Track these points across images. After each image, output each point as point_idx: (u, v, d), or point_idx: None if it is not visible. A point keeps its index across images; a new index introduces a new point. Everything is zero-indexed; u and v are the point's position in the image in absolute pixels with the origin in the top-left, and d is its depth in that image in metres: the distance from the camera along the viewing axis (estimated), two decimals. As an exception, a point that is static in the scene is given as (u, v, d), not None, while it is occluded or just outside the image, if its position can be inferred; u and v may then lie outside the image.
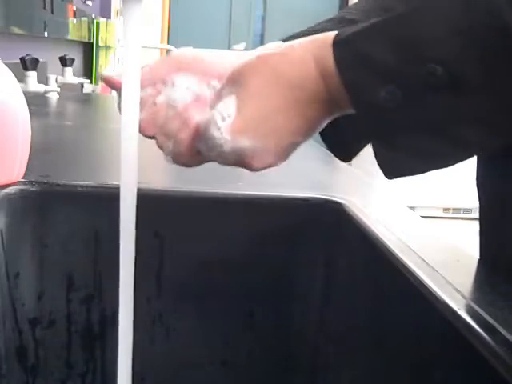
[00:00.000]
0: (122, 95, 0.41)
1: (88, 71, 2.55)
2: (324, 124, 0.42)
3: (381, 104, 0.36)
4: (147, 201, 0.45)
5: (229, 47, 4.06)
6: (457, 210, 3.81)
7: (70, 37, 2.15)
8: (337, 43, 0.38)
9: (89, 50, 2.53)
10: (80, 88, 2.10)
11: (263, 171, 0.44)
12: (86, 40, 2.44)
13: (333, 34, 0.38)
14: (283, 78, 0.40)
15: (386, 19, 0.36)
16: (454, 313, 0.39)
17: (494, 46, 0.32)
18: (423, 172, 0.38)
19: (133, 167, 0.42)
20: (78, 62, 2.37)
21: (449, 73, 0.33)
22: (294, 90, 0.39)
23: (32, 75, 1.47)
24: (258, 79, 0.40)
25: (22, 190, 0.62)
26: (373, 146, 0.39)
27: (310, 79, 0.39)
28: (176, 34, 4.09)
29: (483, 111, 0.34)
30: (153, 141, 0.46)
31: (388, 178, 0.39)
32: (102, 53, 2.59)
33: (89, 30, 2.46)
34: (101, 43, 2.56)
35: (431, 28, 0.34)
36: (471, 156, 0.38)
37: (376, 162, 0.38)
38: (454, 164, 0.38)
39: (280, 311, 0.69)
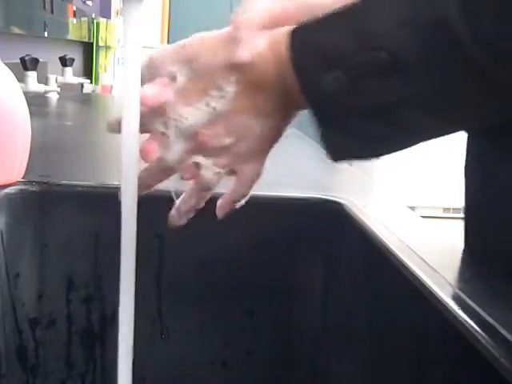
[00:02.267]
0: (122, 95, 0.41)
1: (88, 71, 2.55)
2: (282, 128, 0.44)
3: (326, 88, 0.37)
4: (147, 201, 0.45)
5: (229, 47, 4.05)
6: (457, 210, 3.80)
7: (70, 37, 2.15)
8: (293, 31, 0.40)
9: (89, 50, 2.53)
10: (80, 88, 2.10)
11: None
12: (86, 40, 2.44)
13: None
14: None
15: (340, 10, 0.38)
16: (453, 312, 0.39)
17: (435, 35, 0.34)
18: (371, 156, 0.40)
19: (133, 167, 0.42)
20: (78, 62, 2.37)
21: (392, 58, 0.35)
22: (248, 72, 0.41)
23: (32, 75, 1.47)
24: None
25: (22, 189, 0.62)
26: (320, 130, 0.40)
27: (264, 62, 0.41)
28: (176, 33, 4.09)
29: (424, 96, 0.36)
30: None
31: (335, 161, 0.41)
32: (101, 53, 2.59)
33: (89, 30, 2.46)
34: (101, 43, 2.56)
35: (379, 18, 0.36)
36: (417, 142, 0.39)
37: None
38: (400, 149, 0.40)
39: (280, 311, 0.69)
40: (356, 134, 0.39)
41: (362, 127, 0.38)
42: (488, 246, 0.49)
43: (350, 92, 0.37)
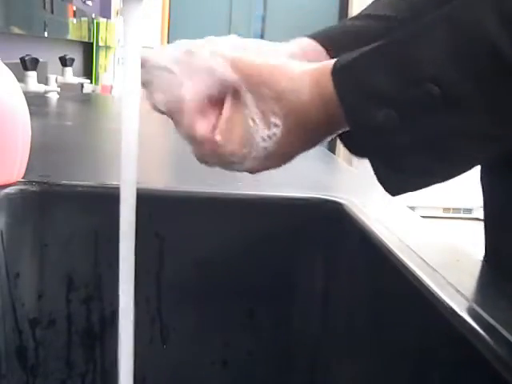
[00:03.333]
0: (123, 94, 0.41)
1: (88, 71, 2.55)
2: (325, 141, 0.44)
3: (379, 126, 0.37)
4: (147, 201, 0.45)
5: (229, 47, 4.05)
6: (457, 210, 3.80)
7: (70, 37, 2.15)
8: (336, 70, 0.39)
9: (89, 50, 2.53)
10: (80, 88, 2.10)
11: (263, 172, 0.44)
12: (86, 40, 2.44)
13: (331, 61, 0.40)
14: (285, 99, 0.41)
15: (382, 44, 0.37)
16: (454, 313, 0.39)
17: (485, 65, 0.34)
18: (426, 187, 0.40)
19: (133, 167, 0.42)
20: (78, 62, 2.37)
21: (444, 92, 0.34)
22: (298, 116, 0.41)
23: (32, 75, 1.47)
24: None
25: (22, 189, 0.62)
26: (373, 166, 0.40)
27: (312, 109, 0.40)
28: (176, 33, 4.09)
29: (479, 127, 0.35)
30: (152, 141, 0.46)
31: (392, 195, 0.40)
32: (101, 53, 2.59)
33: (89, 30, 2.46)
34: (101, 43, 2.56)
35: (426, 51, 0.35)
36: (472, 167, 0.39)
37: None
38: (454, 177, 0.39)
39: (280, 311, 0.69)
40: (410, 169, 0.38)
41: (415, 163, 0.38)
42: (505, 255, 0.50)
43: (401, 129, 0.36)
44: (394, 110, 0.36)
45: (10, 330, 0.63)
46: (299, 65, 0.42)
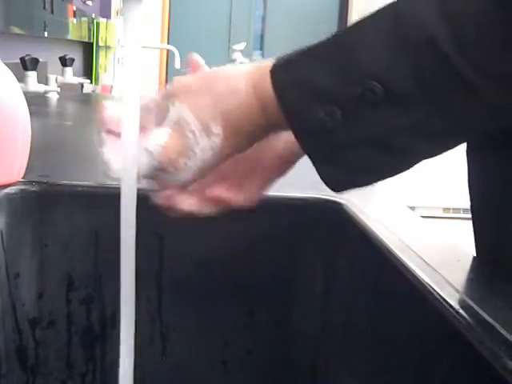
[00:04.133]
0: (123, 94, 0.41)
1: (88, 71, 2.55)
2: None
3: (320, 125, 0.36)
4: (147, 201, 0.45)
5: (229, 47, 4.05)
6: (457, 210, 3.80)
7: (70, 37, 2.15)
8: (274, 69, 0.38)
9: (89, 50, 2.53)
10: (80, 88, 2.10)
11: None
12: (86, 40, 2.44)
13: (270, 61, 0.39)
14: (222, 102, 0.40)
15: (324, 41, 0.37)
16: (453, 313, 0.39)
17: (425, 58, 0.33)
18: (371, 183, 0.39)
19: (133, 167, 0.42)
20: (78, 62, 2.37)
21: (386, 88, 0.34)
22: (236, 118, 0.40)
23: (32, 75, 1.47)
24: (197, 97, 0.40)
25: (22, 189, 0.62)
26: (316, 166, 0.39)
27: (249, 111, 0.40)
28: (176, 34, 4.09)
29: (422, 122, 0.35)
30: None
31: (336, 192, 0.40)
32: (102, 53, 2.59)
33: (89, 30, 2.46)
34: (101, 43, 2.56)
35: (366, 46, 0.35)
36: (418, 162, 0.39)
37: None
38: (402, 172, 0.39)
39: (280, 311, 0.69)
40: (354, 166, 0.38)
41: (359, 159, 0.37)
42: (494, 250, 0.50)
43: (343, 125, 0.36)
44: (336, 106, 0.35)
45: (10, 330, 0.63)
46: (239, 67, 0.41)
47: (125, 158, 0.42)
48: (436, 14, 0.33)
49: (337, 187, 0.40)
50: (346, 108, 0.35)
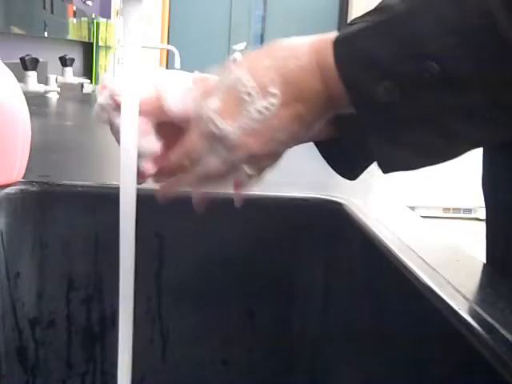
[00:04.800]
0: (122, 94, 0.41)
1: (88, 71, 2.55)
2: (316, 127, 0.42)
3: (378, 99, 0.36)
4: (147, 201, 0.45)
5: (229, 47, 4.06)
6: (457, 209, 3.80)
7: (70, 37, 2.15)
8: (337, 41, 0.38)
9: (89, 50, 2.53)
10: (80, 88, 2.09)
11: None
12: (86, 40, 2.44)
13: (332, 34, 0.39)
14: (282, 65, 0.40)
15: (384, 19, 0.37)
16: (453, 313, 0.39)
17: (486, 44, 0.34)
18: (420, 167, 0.40)
19: (133, 167, 0.42)
20: (78, 62, 2.37)
21: (443, 69, 0.34)
22: (295, 84, 0.40)
23: (32, 75, 1.47)
24: (259, 65, 0.40)
25: (22, 189, 0.62)
26: (369, 141, 0.39)
27: (309, 75, 0.39)
28: (176, 34, 4.09)
29: (477, 106, 0.35)
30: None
31: (384, 173, 0.40)
32: (102, 53, 2.59)
33: (89, 29, 2.46)
34: (101, 43, 2.56)
35: (427, 27, 0.35)
36: (468, 150, 0.39)
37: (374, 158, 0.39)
38: (451, 159, 0.39)
39: (280, 311, 0.69)
40: (407, 145, 0.38)
41: (412, 138, 0.38)
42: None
43: (400, 102, 0.36)
44: (395, 83, 0.36)
45: (10, 330, 0.63)
46: (302, 37, 0.41)
47: (124, 157, 0.42)
48: (499, 1, 0.33)
49: (387, 166, 0.40)
50: (404, 85, 0.36)
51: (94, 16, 2.34)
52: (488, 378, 0.34)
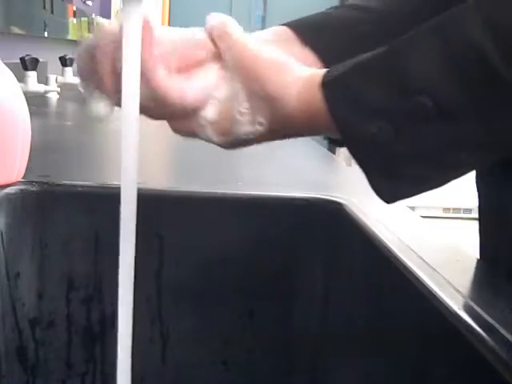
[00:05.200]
0: (122, 93, 0.41)
1: (88, 71, 2.55)
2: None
3: (373, 139, 0.37)
4: (147, 201, 0.45)
5: (229, 47, 4.05)
6: (457, 209, 3.80)
7: (70, 37, 2.15)
8: (326, 83, 0.39)
9: (89, 50, 2.53)
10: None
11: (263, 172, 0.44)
12: (86, 40, 2.44)
13: (321, 72, 0.40)
14: (273, 107, 0.41)
15: (373, 56, 0.37)
16: (454, 313, 0.39)
17: (475, 75, 0.34)
18: (421, 193, 0.40)
19: (133, 167, 0.42)
20: (78, 62, 2.37)
21: (437, 103, 0.35)
22: (283, 121, 0.41)
23: (32, 75, 1.47)
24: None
25: (22, 189, 0.62)
26: (367, 176, 0.40)
27: (298, 116, 0.40)
28: (176, 33, 4.08)
29: (473, 136, 0.36)
30: (153, 140, 0.46)
31: (387, 203, 0.40)
32: (102, 53, 2.59)
33: (89, 30, 2.46)
34: (101, 43, 2.55)
35: (416, 62, 0.35)
36: (465, 174, 0.39)
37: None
38: (451, 181, 0.39)
39: (280, 311, 0.69)
40: (405, 178, 0.38)
41: (411, 173, 0.38)
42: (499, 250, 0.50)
43: (395, 140, 0.36)
44: (388, 122, 0.36)
45: (10, 330, 0.63)
46: (297, 69, 0.41)
47: (125, 157, 0.42)
48: (483, 30, 0.33)
49: (389, 198, 0.41)
50: (397, 123, 0.36)
51: (93, 16, 2.34)
52: (488, 378, 0.34)
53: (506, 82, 0.33)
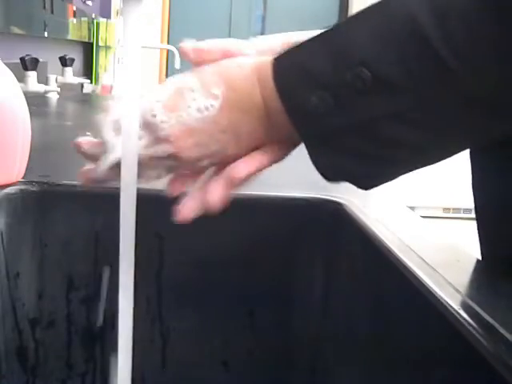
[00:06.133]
0: (123, 94, 0.41)
1: (88, 71, 2.55)
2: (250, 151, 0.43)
3: (312, 109, 0.37)
4: (147, 201, 0.45)
5: (229, 47, 4.04)
6: (457, 209, 3.80)
7: (70, 37, 2.15)
8: (277, 57, 0.40)
9: (89, 50, 2.53)
10: (80, 88, 2.10)
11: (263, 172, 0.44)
12: (86, 40, 2.44)
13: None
14: (228, 76, 0.41)
15: (323, 32, 0.38)
16: (454, 313, 0.39)
17: (413, 48, 0.34)
18: (364, 176, 0.40)
19: (133, 167, 0.42)
20: (78, 62, 2.37)
21: (374, 75, 0.35)
22: (236, 91, 0.41)
23: (32, 75, 1.47)
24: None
25: (22, 189, 0.62)
26: (308, 150, 0.40)
27: (250, 85, 0.41)
28: (176, 34, 4.09)
29: (406, 110, 0.36)
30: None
31: (328, 181, 0.40)
32: (102, 53, 2.59)
33: (89, 29, 2.46)
34: (101, 43, 2.56)
35: (359, 36, 0.36)
36: (410, 158, 0.39)
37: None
38: (394, 167, 0.39)
39: (280, 311, 0.69)
40: (344, 151, 0.39)
41: (348, 144, 0.38)
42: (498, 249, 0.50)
43: (334, 110, 0.37)
44: (328, 92, 0.37)
45: (10, 330, 0.63)
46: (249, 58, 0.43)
47: (124, 158, 0.42)
48: (425, 7, 0.34)
49: (329, 174, 0.41)
50: (337, 94, 0.37)
51: (94, 16, 2.34)
52: (488, 378, 0.34)
53: (441, 57, 0.33)
